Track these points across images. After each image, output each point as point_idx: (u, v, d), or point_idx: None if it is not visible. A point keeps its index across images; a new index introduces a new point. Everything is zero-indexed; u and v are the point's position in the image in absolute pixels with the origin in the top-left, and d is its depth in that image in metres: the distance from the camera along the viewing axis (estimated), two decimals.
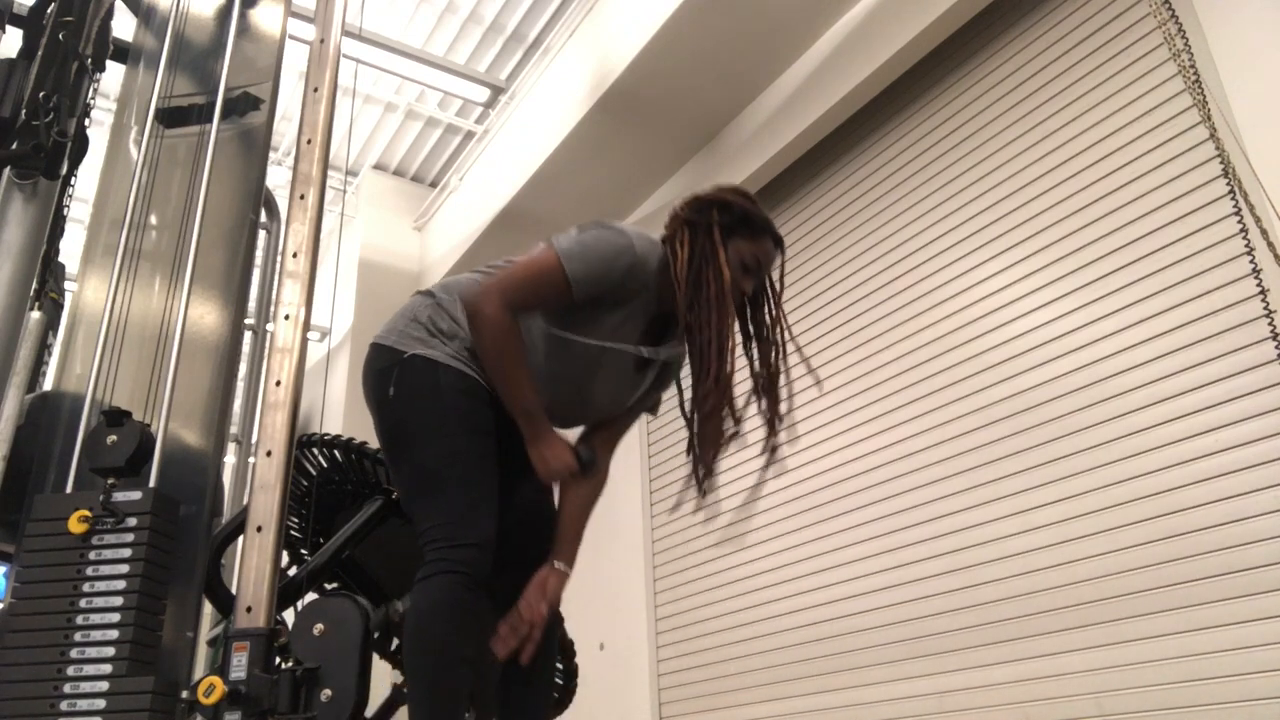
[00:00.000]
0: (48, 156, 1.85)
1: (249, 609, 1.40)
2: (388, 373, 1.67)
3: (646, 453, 5.65)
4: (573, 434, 1.86)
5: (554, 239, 1.70)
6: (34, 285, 1.90)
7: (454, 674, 1.51)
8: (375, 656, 1.72)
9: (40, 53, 1.91)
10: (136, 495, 1.48)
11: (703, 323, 1.68)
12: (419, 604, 1.52)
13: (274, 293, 1.85)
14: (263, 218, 3.44)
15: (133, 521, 1.46)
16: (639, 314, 1.76)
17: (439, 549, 1.54)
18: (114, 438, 1.51)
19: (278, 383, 1.58)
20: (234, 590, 1.45)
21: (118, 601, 1.40)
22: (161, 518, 1.49)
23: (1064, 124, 3.52)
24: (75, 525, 1.46)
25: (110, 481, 1.49)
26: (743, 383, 1.76)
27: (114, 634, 1.38)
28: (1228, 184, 2.87)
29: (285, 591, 1.62)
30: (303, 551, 2.09)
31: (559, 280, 1.66)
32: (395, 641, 2.14)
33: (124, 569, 1.42)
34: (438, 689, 1.50)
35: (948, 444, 3.68)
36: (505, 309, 1.64)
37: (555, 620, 1.82)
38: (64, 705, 1.35)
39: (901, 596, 3.73)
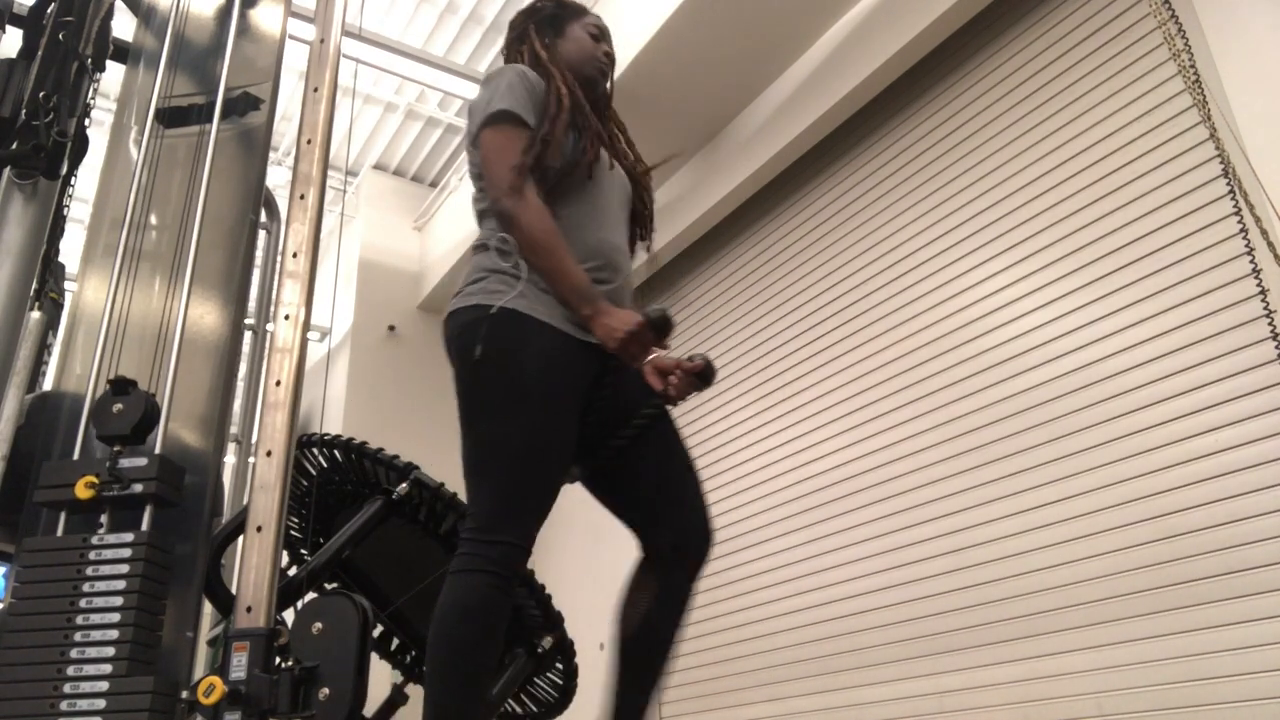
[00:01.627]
0: (48, 156, 1.85)
1: (249, 609, 1.40)
2: (473, 328, 1.60)
3: None
4: None
5: (472, 123, 1.73)
6: (34, 285, 1.90)
7: (474, 684, 1.48)
8: (375, 656, 1.72)
9: (40, 53, 1.91)
10: (142, 461, 1.49)
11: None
12: (445, 602, 1.49)
13: (274, 293, 1.85)
14: (263, 218, 3.44)
15: (138, 488, 1.47)
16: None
17: (474, 541, 1.50)
18: (120, 406, 1.52)
19: (278, 383, 1.58)
20: (234, 590, 1.45)
21: (118, 602, 1.40)
22: (167, 483, 1.50)
23: (1064, 124, 3.52)
24: (82, 491, 1.47)
25: (116, 449, 1.50)
26: None
27: (114, 634, 1.38)
28: (1228, 184, 2.88)
29: (285, 591, 1.62)
30: (303, 551, 2.09)
31: (515, 130, 1.66)
32: (395, 641, 2.14)
33: (124, 569, 1.42)
34: (456, 694, 1.47)
35: (948, 444, 3.68)
36: (521, 191, 1.62)
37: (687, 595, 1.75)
38: (64, 705, 1.35)
39: (901, 596, 3.73)
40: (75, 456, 1.59)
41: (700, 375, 1.75)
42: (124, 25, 2.20)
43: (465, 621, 1.47)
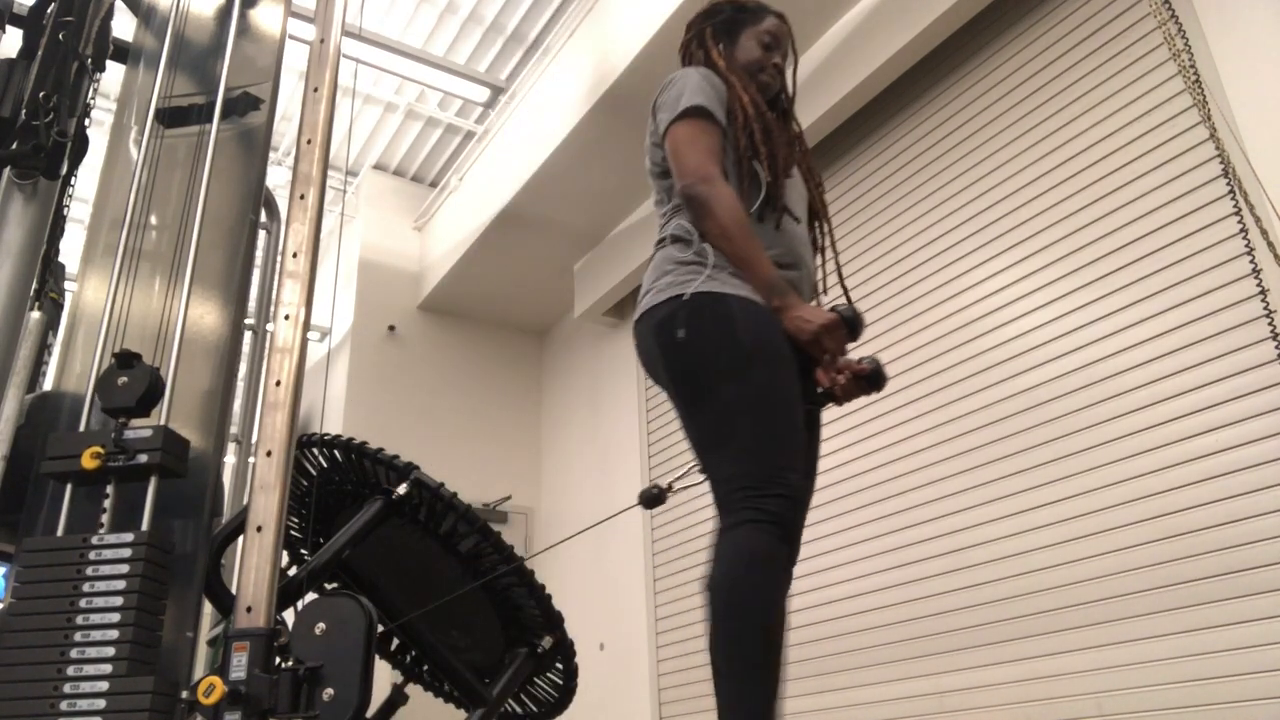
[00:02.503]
0: (48, 156, 1.85)
1: (249, 609, 1.40)
2: (672, 318, 1.60)
3: (647, 453, 5.66)
4: None
5: (660, 119, 1.77)
6: (34, 285, 1.90)
7: (774, 634, 1.40)
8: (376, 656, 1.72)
9: (40, 53, 1.91)
10: (147, 432, 1.50)
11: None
12: (736, 552, 1.43)
13: (274, 293, 1.85)
14: (263, 218, 3.44)
15: (143, 458, 1.47)
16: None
17: (747, 496, 1.45)
18: (125, 379, 1.53)
19: (278, 383, 1.58)
20: (234, 590, 1.45)
21: (118, 602, 1.40)
22: (172, 453, 1.50)
23: (1064, 124, 3.52)
24: (88, 461, 1.47)
25: (121, 420, 1.51)
26: None
27: (114, 634, 1.38)
28: (1228, 184, 2.88)
29: (285, 591, 1.62)
30: (303, 551, 2.09)
31: (707, 123, 1.68)
32: (395, 642, 2.14)
33: (124, 569, 1.42)
34: (758, 651, 1.38)
35: (947, 444, 3.68)
36: (713, 179, 1.63)
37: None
38: (64, 705, 1.35)
39: (901, 596, 3.73)
40: (82, 428, 1.59)
41: (869, 379, 1.73)
42: (124, 25, 2.20)
43: (758, 570, 1.41)
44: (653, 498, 1.68)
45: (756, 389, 1.53)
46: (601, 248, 5.96)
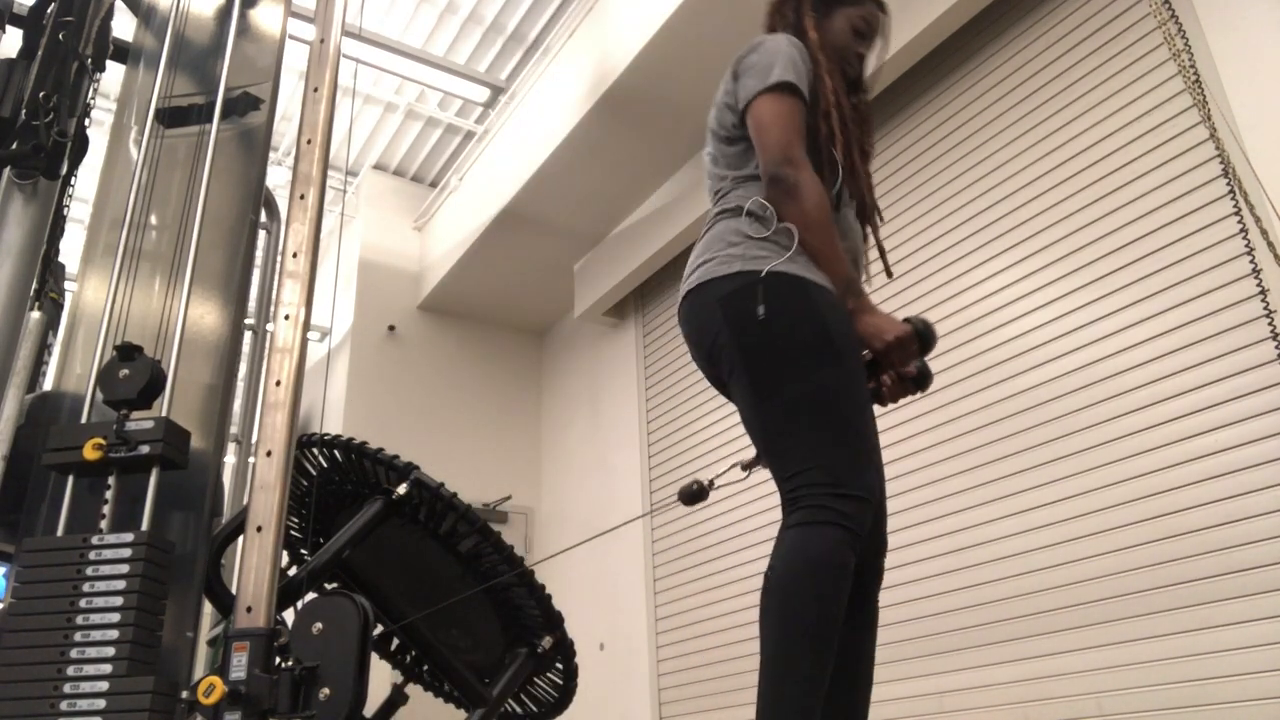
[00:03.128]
0: (48, 156, 1.85)
1: (249, 609, 1.40)
2: (748, 292, 1.50)
3: (647, 453, 5.66)
4: None
5: (745, 85, 1.67)
6: (34, 285, 1.90)
7: (829, 644, 1.34)
8: (375, 656, 1.72)
9: (40, 53, 1.91)
10: (149, 424, 1.50)
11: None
12: (799, 552, 1.36)
13: (274, 293, 1.85)
14: (263, 218, 3.44)
15: (145, 449, 1.47)
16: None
17: (821, 495, 1.38)
18: (126, 371, 1.53)
19: (278, 383, 1.58)
20: (234, 590, 1.45)
21: (118, 602, 1.40)
22: (173, 445, 1.51)
23: (1064, 124, 3.52)
24: (90, 453, 1.48)
25: (123, 412, 1.52)
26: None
27: (114, 634, 1.38)
28: (1228, 184, 2.88)
29: (285, 591, 1.62)
30: (303, 551, 2.09)
31: (797, 103, 1.61)
32: (395, 642, 2.14)
33: (124, 569, 1.42)
34: (811, 658, 1.32)
35: (947, 444, 3.68)
36: (802, 163, 1.56)
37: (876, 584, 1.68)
38: (64, 705, 1.35)
39: (902, 596, 3.72)
40: (84, 419, 1.60)
41: (916, 381, 1.69)
42: (124, 25, 2.20)
43: (818, 574, 1.34)
44: (693, 494, 1.61)
45: (841, 382, 1.47)
46: (601, 248, 5.96)
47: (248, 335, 4.01)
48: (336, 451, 1.88)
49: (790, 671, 1.33)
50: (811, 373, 1.47)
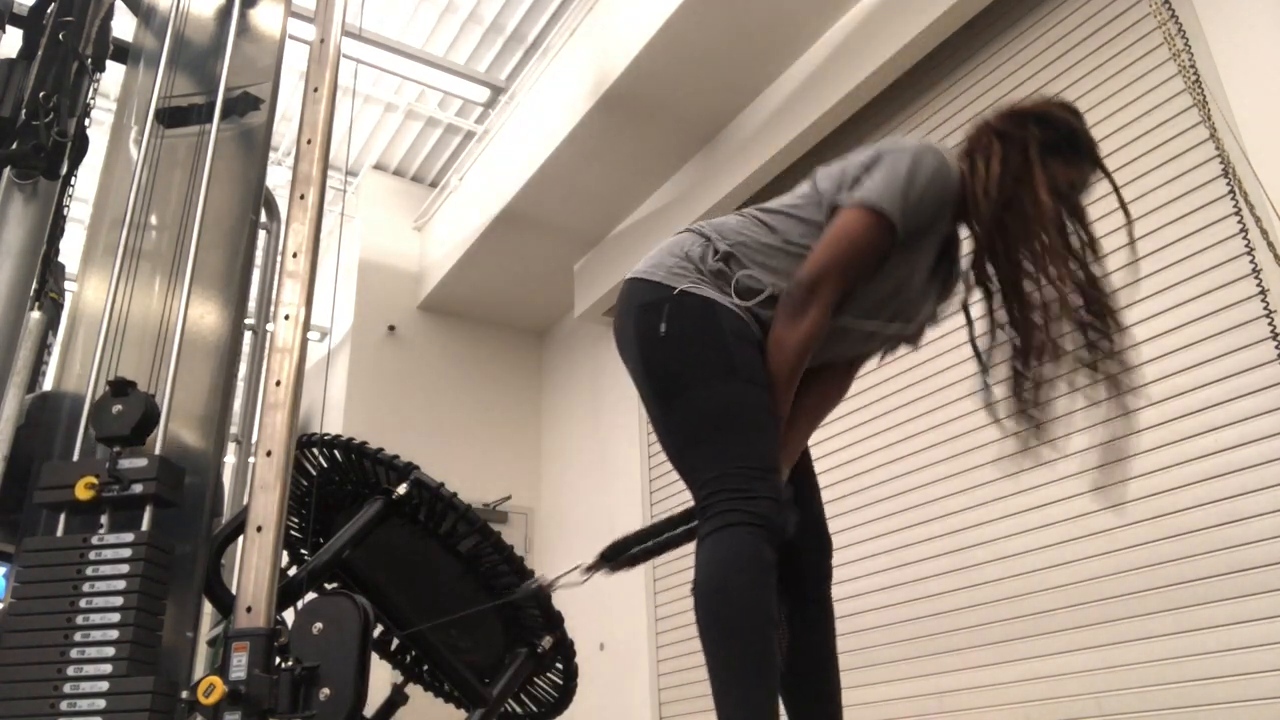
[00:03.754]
0: (48, 156, 1.85)
1: (249, 609, 1.40)
2: (656, 308, 1.53)
3: (647, 453, 5.66)
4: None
5: (845, 196, 1.51)
6: (34, 285, 1.90)
7: (765, 635, 1.34)
8: (375, 656, 1.72)
9: (40, 53, 1.91)
10: (142, 462, 1.49)
11: (1012, 244, 1.56)
12: (716, 555, 1.37)
13: (274, 293, 1.85)
14: (263, 218, 3.44)
15: (138, 488, 1.47)
16: (929, 252, 1.59)
17: (730, 499, 1.39)
18: (119, 407, 1.52)
19: (278, 383, 1.58)
20: (234, 590, 1.45)
21: (118, 602, 1.40)
22: (167, 483, 1.50)
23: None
24: (82, 492, 1.47)
25: (116, 450, 1.50)
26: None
27: (114, 634, 1.38)
28: (1228, 184, 2.88)
29: (285, 591, 1.62)
30: (303, 551, 2.09)
31: (883, 237, 1.49)
32: (395, 641, 2.14)
33: (124, 569, 1.42)
34: (750, 654, 1.32)
35: (948, 444, 3.68)
36: (826, 303, 1.50)
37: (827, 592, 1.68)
38: (64, 705, 1.35)
39: (901, 596, 3.73)
40: (75, 457, 1.59)
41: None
42: (124, 25, 2.20)
43: (742, 571, 1.35)
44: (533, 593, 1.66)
45: (739, 393, 1.49)
46: (601, 248, 5.96)
47: (248, 335, 4.01)
48: (336, 451, 1.88)
49: (733, 672, 1.34)
50: (713, 382, 1.49)
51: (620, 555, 1.70)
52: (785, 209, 1.62)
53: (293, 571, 1.79)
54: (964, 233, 1.66)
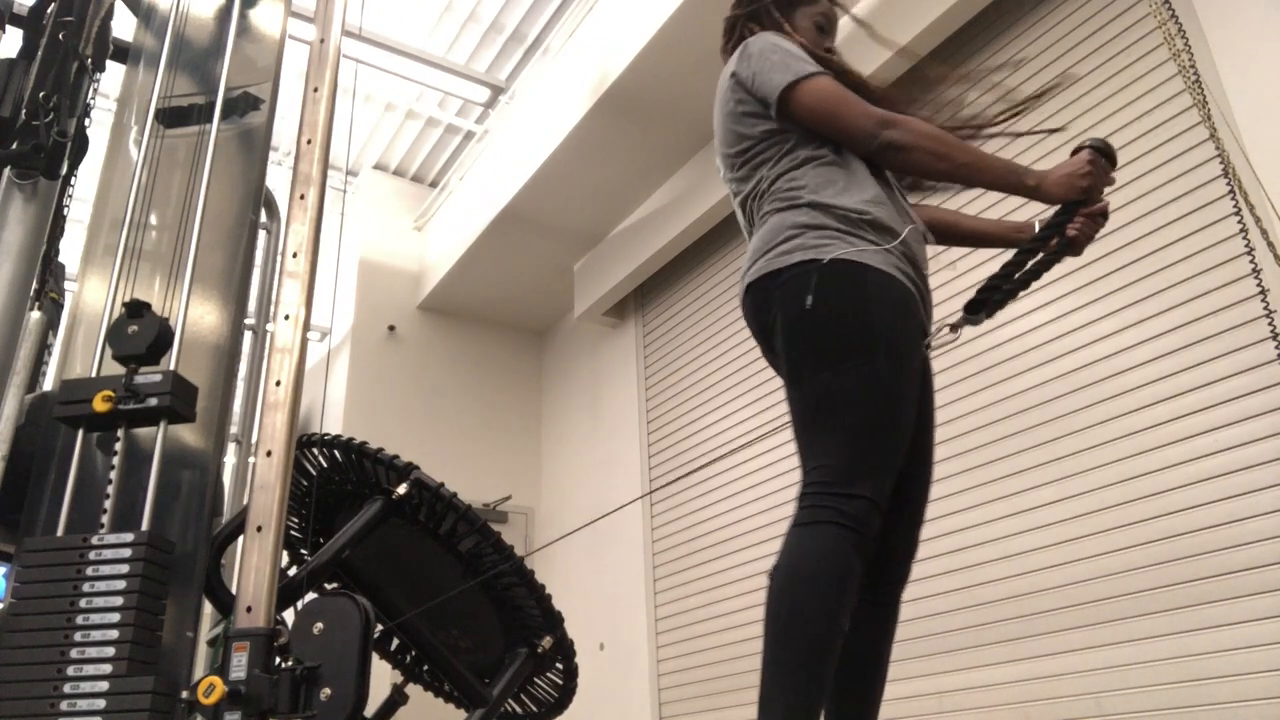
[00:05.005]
0: (48, 156, 1.85)
1: (249, 609, 1.40)
2: (803, 279, 1.48)
3: (647, 453, 5.66)
4: None
5: (767, 81, 1.63)
6: (34, 285, 1.90)
7: (830, 643, 1.31)
8: (375, 656, 1.72)
9: (40, 53, 1.91)
10: (157, 377, 1.53)
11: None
12: (802, 550, 1.35)
13: (274, 293, 1.85)
14: (263, 218, 3.44)
15: (153, 402, 1.49)
16: None
17: (828, 494, 1.37)
18: (135, 328, 1.56)
19: (278, 383, 1.58)
20: (234, 590, 1.45)
21: (118, 602, 1.40)
22: (181, 398, 1.54)
23: (1063, 124, 3.52)
24: (99, 404, 1.50)
25: (132, 366, 1.54)
26: None
27: (114, 634, 1.38)
28: (1228, 184, 2.88)
29: (285, 591, 1.62)
30: (303, 551, 2.09)
31: (827, 78, 1.63)
32: (395, 641, 2.14)
33: (124, 568, 1.42)
34: (811, 658, 1.30)
35: (948, 444, 3.68)
36: (894, 121, 1.58)
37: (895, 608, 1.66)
38: (64, 705, 1.35)
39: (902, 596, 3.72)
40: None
41: (1104, 214, 1.68)
42: (124, 25, 2.20)
43: (822, 577, 1.32)
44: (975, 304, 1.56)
45: (873, 378, 1.43)
46: (601, 248, 5.96)
47: (248, 335, 4.01)
48: (336, 451, 1.88)
49: (788, 671, 1.32)
50: (846, 366, 1.44)
51: (989, 300, 1.58)
52: (756, 159, 1.67)
53: (293, 571, 1.79)
54: None
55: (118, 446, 1.52)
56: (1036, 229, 1.65)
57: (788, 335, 1.52)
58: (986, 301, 1.58)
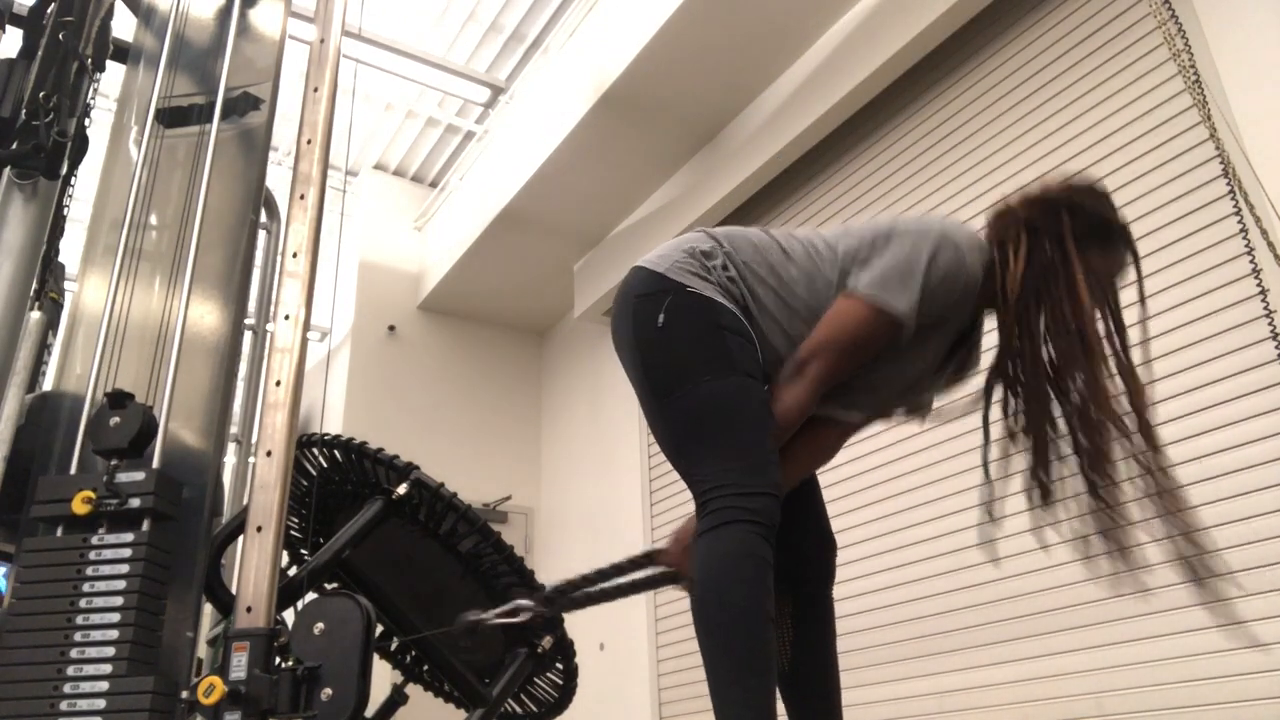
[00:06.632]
0: (48, 156, 1.85)
1: (249, 609, 1.40)
2: (657, 299, 1.51)
3: (647, 453, 5.66)
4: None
5: (854, 279, 1.49)
6: (34, 285, 1.90)
7: (762, 632, 1.33)
8: (376, 656, 1.71)
9: (40, 53, 1.91)
10: (140, 475, 1.49)
11: (1040, 343, 1.53)
12: (712, 553, 1.36)
13: (274, 293, 1.85)
14: (263, 218, 3.44)
15: (135, 503, 1.46)
16: (942, 341, 1.58)
17: (727, 495, 1.38)
18: (117, 419, 1.51)
19: (278, 383, 1.58)
20: (234, 590, 1.45)
21: (118, 602, 1.40)
22: (164, 498, 1.50)
23: (1064, 124, 3.52)
24: (79, 506, 1.46)
25: (114, 463, 1.50)
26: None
27: (114, 634, 1.38)
28: (1228, 184, 2.88)
29: (285, 591, 1.62)
30: (303, 551, 2.09)
31: (888, 331, 1.47)
32: (395, 641, 2.14)
33: (124, 569, 1.42)
34: (747, 650, 1.31)
35: (948, 444, 3.68)
36: (822, 384, 1.50)
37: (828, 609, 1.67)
38: (64, 705, 1.35)
39: (901, 596, 3.72)
40: (73, 468, 1.58)
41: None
42: (124, 25, 2.20)
43: (740, 569, 1.33)
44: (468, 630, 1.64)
45: (737, 388, 1.46)
46: (601, 248, 5.96)
47: (248, 335, 4.02)
48: (336, 451, 1.88)
49: (730, 671, 1.32)
50: (711, 378, 1.46)
51: (565, 596, 1.67)
52: (806, 248, 1.58)
53: (293, 571, 1.79)
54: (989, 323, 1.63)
55: (101, 531, 1.47)
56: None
57: (645, 353, 1.54)
58: (555, 601, 1.71)
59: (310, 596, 1.61)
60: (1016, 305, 1.51)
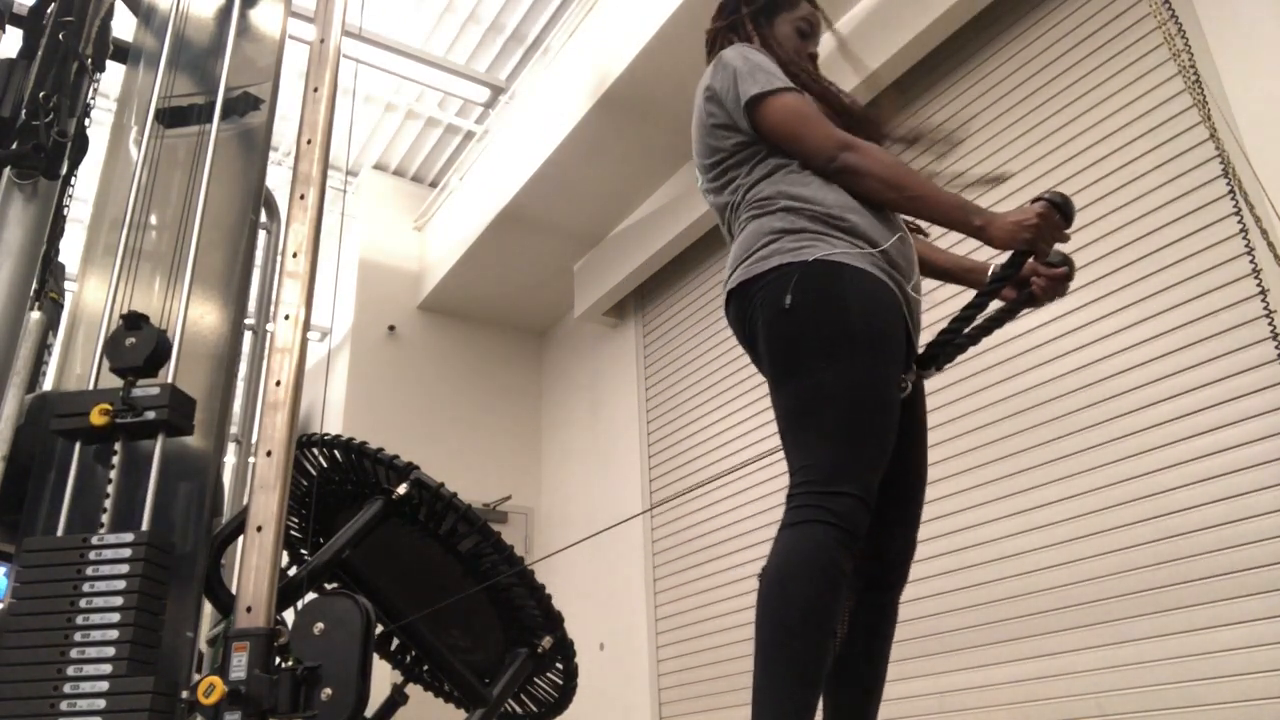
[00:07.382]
0: (48, 156, 1.85)
1: (249, 609, 1.40)
2: (780, 284, 1.49)
3: (647, 453, 5.66)
4: None
5: (738, 92, 1.65)
6: (34, 285, 1.90)
7: (819, 646, 1.31)
8: (376, 656, 1.71)
9: (40, 53, 1.91)
10: (155, 390, 1.52)
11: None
12: (791, 550, 1.34)
13: (274, 293, 1.85)
14: (263, 218, 3.44)
15: (150, 415, 1.49)
16: None
17: (813, 493, 1.37)
18: (132, 339, 1.55)
19: (278, 383, 1.58)
20: (234, 590, 1.45)
21: (118, 602, 1.40)
22: (179, 411, 1.53)
23: (1063, 124, 3.52)
24: (96, 418, 1.49)
25: (129, 379, 1.53)
26: None
27: (114, 634, 1.38)
28: (1228, 184, 2.88)
29: (285, 591, 1.62)
30: (303, 551, 2.09)
31: (802, 97, 1.64)
32: (395, 641, 2.14)
33: (124, 568, 1.42)
34: (801, 659, 1.30)
35: (948, 444, 3.68)
36: (854, 144, 1.58)
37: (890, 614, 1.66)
38: (64, 705, 1.35)
39: (902, 596, 3.72)
40: (90, 384, 1.61)
41: (1068, 276, 1.65)
42: (124, 25, 2.20)
43: (810, 576, 1.32)
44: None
45: (855, 375, 1.43)
46: (601, 248, 5.96)
47: (248, 335, 4.01)
48: (336, 451, 1.88)
49: (780, 673, 1.32)
50: (827, 364, 1.44)
51: (942, 353, 1.60)
52: (734, 169, 1.69)
53: (293, 571, 1.79)
54: None
55: (115, 460, 1.51)
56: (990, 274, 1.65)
57: (768, 337, 1.52)
58: (938, 356, 1.62)
59: (310, 596, 1.61)
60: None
